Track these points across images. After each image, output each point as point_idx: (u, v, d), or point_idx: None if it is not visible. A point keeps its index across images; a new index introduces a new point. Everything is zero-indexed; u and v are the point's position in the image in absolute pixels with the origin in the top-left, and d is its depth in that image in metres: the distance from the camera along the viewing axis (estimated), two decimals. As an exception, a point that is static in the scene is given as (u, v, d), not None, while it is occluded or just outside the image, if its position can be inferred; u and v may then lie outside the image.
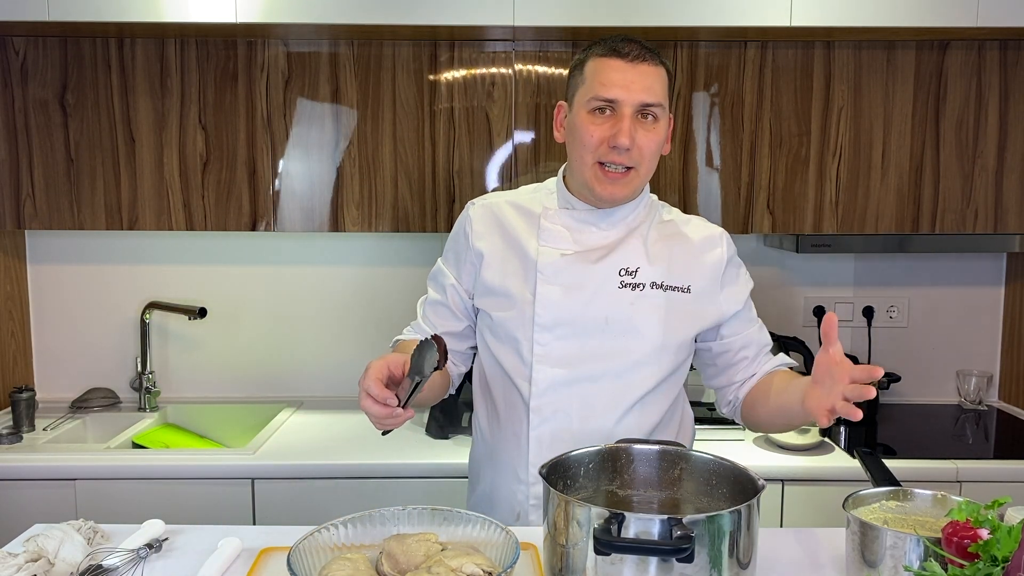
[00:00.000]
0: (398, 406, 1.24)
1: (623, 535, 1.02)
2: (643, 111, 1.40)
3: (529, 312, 1.47)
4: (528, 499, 1.49)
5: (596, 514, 1.04)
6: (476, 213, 1.56)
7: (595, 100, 1.40)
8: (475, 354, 1.63)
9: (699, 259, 1.51)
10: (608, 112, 1.40)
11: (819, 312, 2.64)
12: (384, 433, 1.32)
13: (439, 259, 1.62)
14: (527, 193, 1.58)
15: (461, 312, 1.58)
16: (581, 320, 1.46)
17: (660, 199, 1.60)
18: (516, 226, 1.53)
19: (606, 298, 1.46)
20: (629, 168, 1.42)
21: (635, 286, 1.46)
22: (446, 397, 1.63)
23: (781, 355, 1.57)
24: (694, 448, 1.37)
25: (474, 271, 1.54)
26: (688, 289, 1.49)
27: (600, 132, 1.40)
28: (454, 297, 1.57)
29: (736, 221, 2.30)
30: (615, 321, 1.46)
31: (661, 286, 1.47)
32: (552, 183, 1.57)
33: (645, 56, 1.40)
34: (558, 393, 1.47)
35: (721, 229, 1.56)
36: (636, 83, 1.38)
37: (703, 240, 1.53)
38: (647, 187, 1.54)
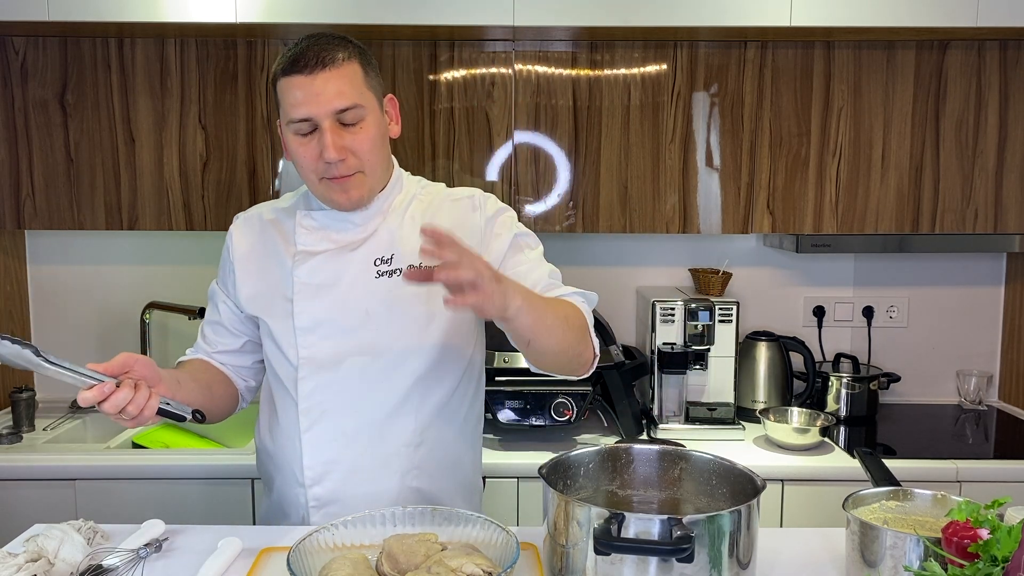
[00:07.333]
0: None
1: (623, 535, 1.03)
2: (341, 116, 1.36)
3: (291, 317, 1.45)
4: (308, 502, 1.45)
5: (596, 514, 1.04)
6: (236, 228, 1.55)
7: (292, 124, 1.38)
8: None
9: (458, 230, 1.41)
10: (312, 131, 1.38)
11: (819, 312, 2.64)
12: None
13: (214, 280, 1.59)
14: (289, 199, 1.57)
15: (237, 329, 1.55)
16: (341, 317, 1.44)
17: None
18: (275, 233, 1.51)
19: (363, 291, 1.44)
20: (352, 174, 1.39)
21: (391, 273, 1.44)
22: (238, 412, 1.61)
23: (561, 287, 1.45)
24: (692, 449, 1.37)
25: (238, 284, 1.52)
26: None
27: (310, 152, 1.38)
28: (227, 314, 1.55)
29: (736, 221, 2.30)
30: (375, 313, 1.43)
31: (419, 268, 1.40)
32: None
33: (324, 60, 1.35)
34: (324, 394, 1.44)
35: (478, 191, 1.52)
36: (322, 94, 1.34)
37: (460, 209, 1.49)
38: (395, 169, 1.52)
